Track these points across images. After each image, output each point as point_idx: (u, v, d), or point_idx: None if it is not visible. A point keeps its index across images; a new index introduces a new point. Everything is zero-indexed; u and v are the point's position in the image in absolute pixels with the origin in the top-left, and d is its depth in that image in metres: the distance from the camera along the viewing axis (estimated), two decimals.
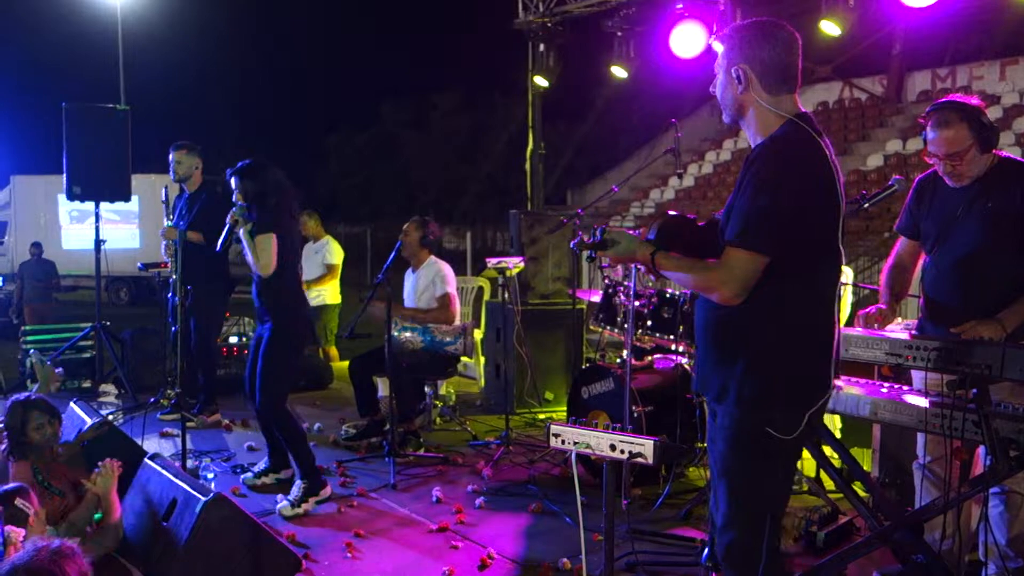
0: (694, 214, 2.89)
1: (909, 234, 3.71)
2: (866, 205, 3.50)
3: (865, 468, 4.44)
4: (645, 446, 2.31)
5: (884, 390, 3.30)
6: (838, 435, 4.75)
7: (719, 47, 2.64)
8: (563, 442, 2.46)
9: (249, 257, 4.75)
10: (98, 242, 7.71)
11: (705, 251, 2.56)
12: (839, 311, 2.58)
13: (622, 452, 2.33)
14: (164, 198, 5.63)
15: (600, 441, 2.38)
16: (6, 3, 30.70)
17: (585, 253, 2.59)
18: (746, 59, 2.53)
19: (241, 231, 4.74)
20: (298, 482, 4.77)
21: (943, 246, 3.47)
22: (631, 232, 2.62)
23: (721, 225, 2.57)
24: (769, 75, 2.53)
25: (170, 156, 6.41)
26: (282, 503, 4.68)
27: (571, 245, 2.69)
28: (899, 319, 4.05)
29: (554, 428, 2.49)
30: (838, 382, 3.41)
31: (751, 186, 2.45)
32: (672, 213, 2.64)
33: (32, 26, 30.42)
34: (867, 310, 3.61)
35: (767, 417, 2.46)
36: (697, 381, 2.71)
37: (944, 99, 3.42)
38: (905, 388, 3.37)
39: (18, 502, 3.06)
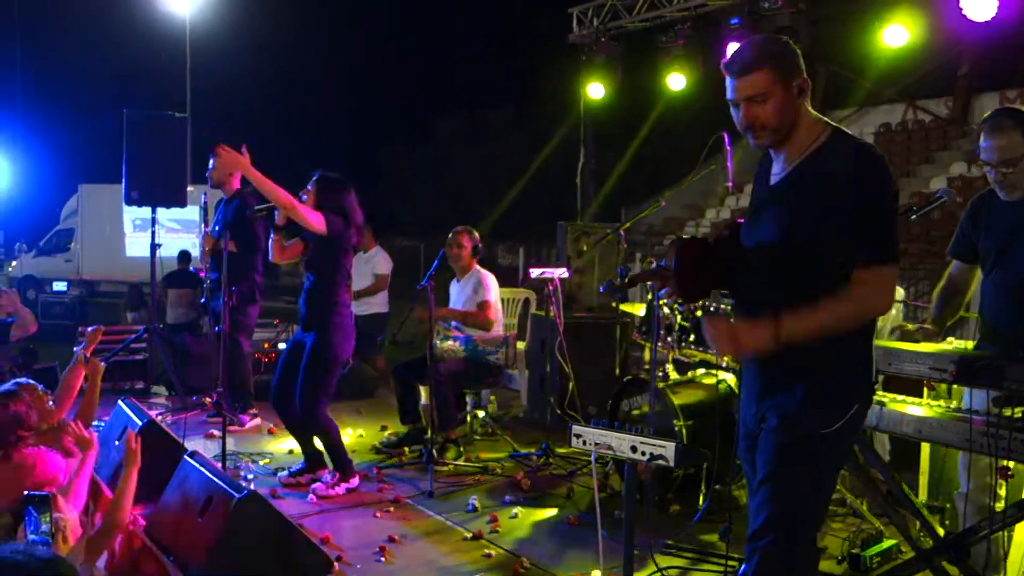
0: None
1: (963, 257, 3.61)
2: (913, 216, 3.41)
3: (918, 494, 4.32)
4: (667, 448, 2.27)
5: (930, 408, 3.20)
6: (887, 458, 4.63)
7: (759, 73, 2.48)
8: (584, 443, 2.43)
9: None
10: (154, 246, 7.88)
11: (727, 270, 2.54)
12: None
13: (643, 454, 2.29)
14: (203, 204, 5.75)
15: (621, 442, 2.34)
16: (80, 14, 31.72)
17: (616, 298, 2.59)
18: (801, 71, 2.51)
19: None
20: (331, 471, 5.08)
21: (1001, 265, 3.37)
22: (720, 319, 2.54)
23: (760, 237, 2.54)
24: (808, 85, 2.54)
25: (211, 162, 6.59)
26: (316, 485, 4.99)
27: (600, 288, 2.66)
28: (951, 340, 3.93)
29: (576, 429, 2.46)
30: (883, 398, 3.33)
31: (867, 198, 2.40)
32: (685, 238, 2.60)
33: (104, 37, 31.34)
34: (910, 329, 3.52)
35: (818, 414, 2.43)
36: (748, 383, 2.66)
37: (1001, 107, 3.32)
38: (952, 406, 3.27)
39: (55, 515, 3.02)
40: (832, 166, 2.46)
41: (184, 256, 11.49)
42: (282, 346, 7.96)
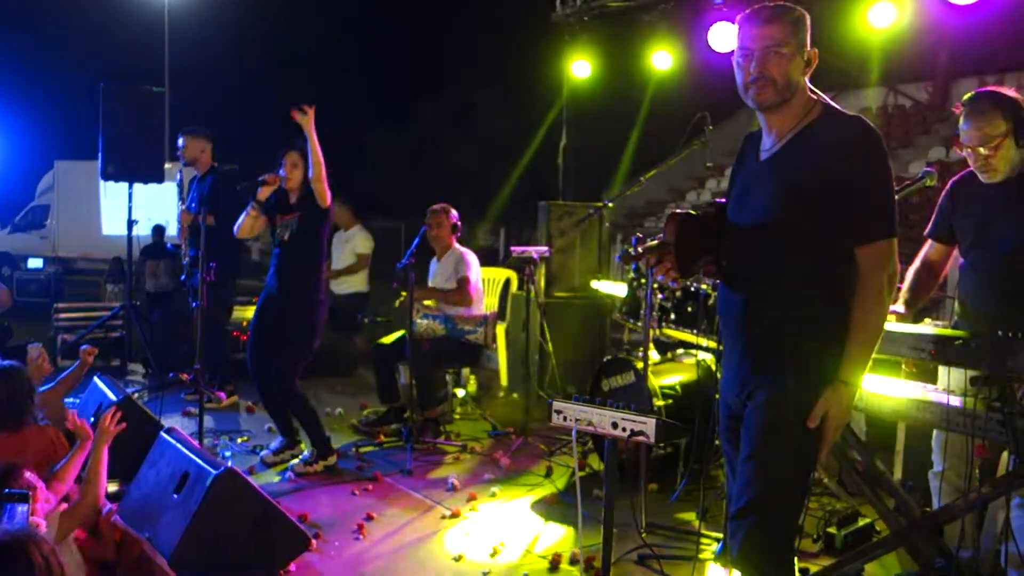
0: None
1: (941, 238, 3.61)
2: (895, 196, 3.39)
3: (893, 473, 4.35)
4: (647, 424, 2.26)
5: (907, 388, 3.21)
6: (862, 437, 4.66)
7: (783, 25, 2.52)
8: (565, 419, 2.42)
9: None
10: (130, 223, 7.79)
11: (717, 245, 2.54)
12: None
13: (624, 430, 2.28)
14: (178, 181, 5.70)
15: (602, 419, 2.33)
16: None
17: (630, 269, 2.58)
18: (811, 43, 2.55)
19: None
20: (310, 449, 5.08)
21: (980, 247, 3.37)
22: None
23: (750, 212, 2.54)
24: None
25: (179, 141, 6.52)
26: (294, 463, 5.01)
27: (632, 266, 2.66)
28: (927, 321, 3.94)
29: (556, 405, 2.45)
30: None
31: (867, 175, 2.43)
32: (679, 211, 2.59)
33: (79, 12, 30.83)
34: None
35: (807, 392, 2.44)
36: (732, 361, 2.65)
37: (981, 89, 3.32)
38: (929, 387, 3.28)
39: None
40: (831, 138, 2.48)
41: (158, 230, 11.59)
42: None
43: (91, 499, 3.21)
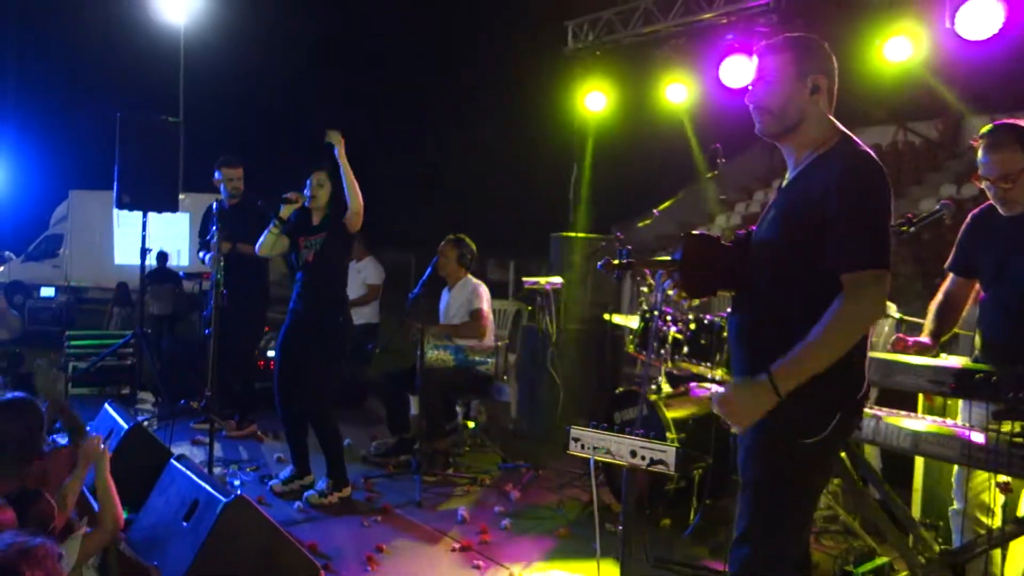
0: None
1: (961, 272, 3.59)
2: (912, 228, 3.39)
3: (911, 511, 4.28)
4: (667, 453, 2.23)
5: (926, 422, 3.17)
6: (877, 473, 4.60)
7: (777, 55, 2.55)
8: (583, 447, 2.38)
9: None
10: (144, 251, 7.80)
11: (735, 270, 2.51)
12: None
13: (642, 459, 2.25)
14: (215, 210, 5.72)
15: (621, 447, 2.30)
16: (72, 23, 31.63)
17: (612, 275, 2.52)
18: (821, 71, 2.53)
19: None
20: (324, 479, 5.00)
21: (1001, 281, 3.35)
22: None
23: (769, 238, 2.51)
24: (832, 91, 2.56)
25: (228, 172, 6.57)
26: (309, 493, 4.95)
27: (598, 266, 2.61)
28: (944, 356, 3.91)
29: (574, 432, 2.41)
30: (878, 412, 3.30)
31: (850, 203, 2.37)
32: (695, 232, 2.56)
33: (96, 45, 31.24)
34: (903, 337, 3.49)
35: (797, 424, 2.38)
36: None
37: (999, 122, 3.31)
38: (949, 421, 3.24)
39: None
40: (823, 171, 2.46)
41: (162, 256, 12.12)
42: (271, 353, 7.89)
43: (110, 524, 3.20)
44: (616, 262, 2.46)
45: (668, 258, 2.59)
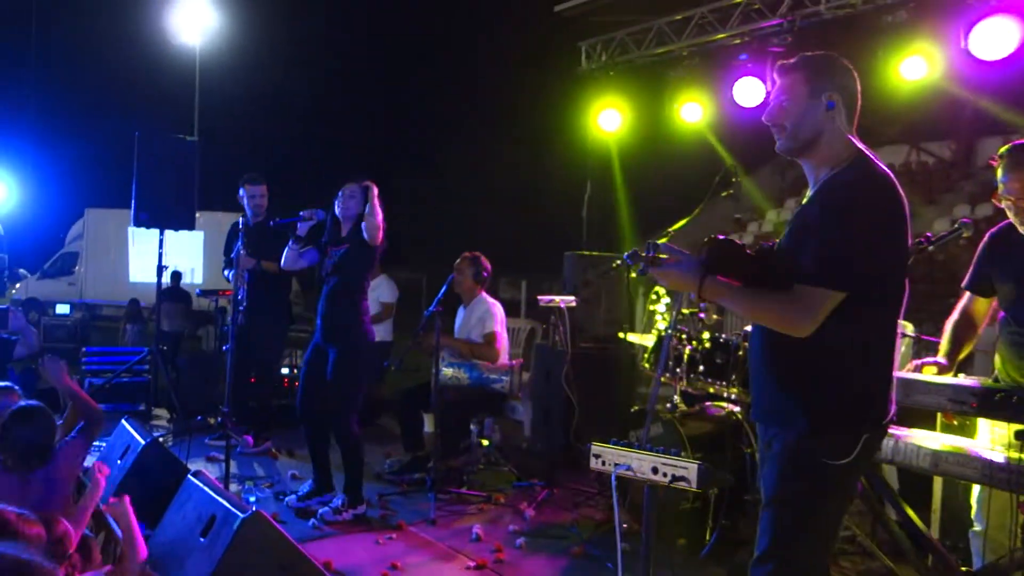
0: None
1: (978, 290, 3.58)
2: (930, 247, 3.39)
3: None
4: (689, 469, 2.22)
5: (945, 441, 3.16)
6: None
7: (792, 74, 2.58)
8: (604, 463, 2.38)
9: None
10: (160, 268, 7.86)
11: (757, 279, 2.50)
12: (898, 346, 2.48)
13: (664, 475, 2.25)
14: (241, 226, 5.76)
15: (642, 463, 2.29)
16: (90, 46, 32.02)
17: (637, 268, 2.54)
18: (837, 88, 2.54)
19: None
20: (340, 495, 5.01)
21: (1019, 300, 3.34)
22: (685, 254, 2.57)
23: (781, 252, 2.52)
24: (851, 108, 2.56)
25: (252, 189, 6.63)
26: (324, 510, 4.95)
27: (624, 257, 2.63)
28: (960, 376, 3.89)
29: (595, 448, 2.41)
30: (897, 431, 3.29)
31: (826, 220, 2.40)
32: (722, 237, 2.58)
33: (113, 66, 31.61)
34: (922, 361, 3.48)
35: (823, 443, 2.38)
36: (755, 408, 2.62)
37: (1018, 141, 3.32)
38: (969, 441, 3.22)
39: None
40: (828, 190, 2.48)
41: (175, 275, 12.56)
42: (286, 371, 7.92)
43: (134, 561, 3.22)
44: (643, 255, 2.48)
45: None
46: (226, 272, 6.74)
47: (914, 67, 6.61)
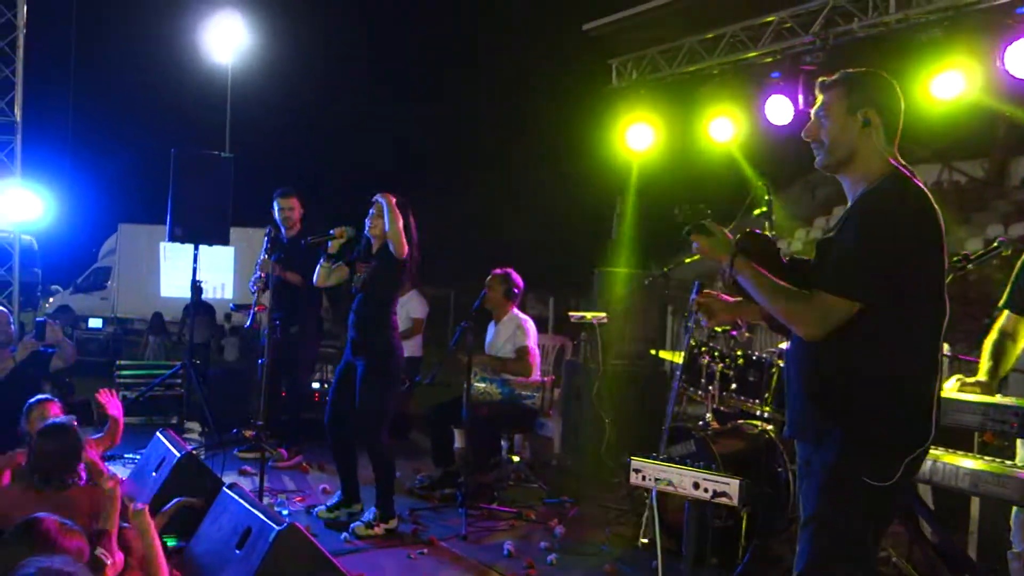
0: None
1: (1017, 309, 3.55)
2: (970, 265, 3.36)
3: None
4: (730, 485, 2.22)
5: (983, 461, 3.12)
6: None
7: (831, 90, 2.60)
8: (644, 478, 2.38)
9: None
10: (194, 283, 7.97)
11: (787, 274, 2.54)
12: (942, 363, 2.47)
13: (705, 491, 2.24)
14: (268, 232, 5.83)
15: (683, 479, 2.29)
16: (125, 65, 32.59)
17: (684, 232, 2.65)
18: (874, 104, 2.54)
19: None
20: (372, 509, 5.01)
21: None
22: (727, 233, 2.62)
23: (813, 265, 2.53)
24: (890, 125, 2.56)
25: (282, 202, 6.74)
26: (356, 524, 4.95)
27: (684, 232, 2.70)
28: (999, 396, 3.85)
29: (635, 463, 2.41)
30: (935, 451, 3.25)
31: (853, 232, 2.42)
32: (757, 231, 2.61)
33: (147, 85, 32.12)
34: (963, 380, 3.45)
35: (864, 463, 2.36)
36: (790, 426, 2.61)
37: None
38: (1008, 462, 3.18)
39: (98, 551, 3.07)
40: (860, 204, 2.50)
41: (197, 288, 12.44)
42: (316, 386, 7.97)
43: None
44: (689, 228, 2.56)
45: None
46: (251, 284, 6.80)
47: (947, 85, 6.54)
